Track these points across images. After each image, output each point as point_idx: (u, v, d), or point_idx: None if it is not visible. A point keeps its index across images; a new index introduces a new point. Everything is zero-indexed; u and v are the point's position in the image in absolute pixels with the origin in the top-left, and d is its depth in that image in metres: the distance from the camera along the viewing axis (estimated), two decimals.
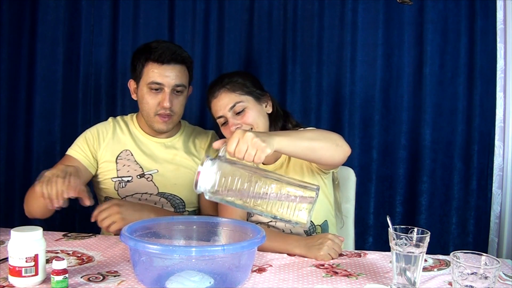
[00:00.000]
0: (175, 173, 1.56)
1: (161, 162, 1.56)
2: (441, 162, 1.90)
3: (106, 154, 1.55)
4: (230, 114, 1.37)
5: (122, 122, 1.63)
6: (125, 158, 1.55)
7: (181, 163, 1.57)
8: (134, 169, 1.55)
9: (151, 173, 1.55)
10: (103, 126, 1.61)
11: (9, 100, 2.05)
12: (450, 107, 1.89)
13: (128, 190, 1.54)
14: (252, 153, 1.01)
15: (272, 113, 1.47)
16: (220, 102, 1.39)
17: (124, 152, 1.56)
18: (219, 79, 1.43)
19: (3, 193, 2.06)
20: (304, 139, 1.17)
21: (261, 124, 1.40)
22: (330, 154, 1.21)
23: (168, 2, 1.99)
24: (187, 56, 1.52)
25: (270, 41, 1.96)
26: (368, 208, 1.93)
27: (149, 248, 0.94)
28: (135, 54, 1.53)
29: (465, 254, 0.93)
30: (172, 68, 1.47)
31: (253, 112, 1.38)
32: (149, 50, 1.48)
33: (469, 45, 1.86)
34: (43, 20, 2.02)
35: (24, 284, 0.97)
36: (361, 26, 1.91)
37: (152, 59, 1.47)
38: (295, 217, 0.97)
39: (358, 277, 1.09)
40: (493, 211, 1.87)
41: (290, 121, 1.51)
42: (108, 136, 1.58)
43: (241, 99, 1.38)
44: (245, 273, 1.03)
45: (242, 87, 1.39)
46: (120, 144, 1.57)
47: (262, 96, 1.43)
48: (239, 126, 1.36)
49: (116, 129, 1.60)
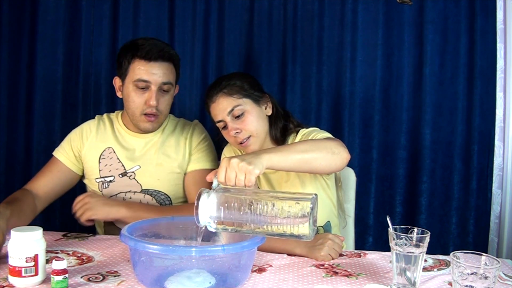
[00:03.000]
0: (158, 168, 1.53)
1: (144, 159, 1.53)
2: (441, 162, 1.90)
3: (89, 154, 1.54)
4: (229, 118, 1.36)
5: (107, 119, 1.61)
6: (107, 157, 1.53)
7: (164, 158, 1.54)
8: (116, 168, 1.52)
9: (133, 170, 1.52)
10: (88, 124, 1.59)
11: (9, 100, 2.05)
12: (450, 107, 1.89)
13: (111, 190, 1.52)
14: (241, 178, 1.01)
15: (272, 115, 1.46)
16: (219, 107, 1.37)
17: (107, 150, 1.54)
18: (217, 83, 1.41)
19: (3, 193, 2.05)
20: (296, 152, 1.14)
21: (260, 128, 1.39)
22: (326, 164, 1.19)
23: (168, 2, 1.99)
24: (174, 54, 1.49)
25: (270, 41, 1.96)
26: (368, 208, 1.93)
27: (149, 248, 0.95)
28: (121, 50, 1.48)
29: (465, 254, 0.93)
30: (159, 66, 1.43)
31: (252, 116, 1.37)
32: (136, 47, 1.43)
33: (469, 45, 1.86)
34: (43, 20, 2.02)
35: (24, 284, 0.97)
36: (361, 26, 1.91)
37: (139, 56, 1.42)
38: (298, 231, 0.97)
39: (358, 277, 1.09)
40: (493, 211, 1.87)
41: (291, 121, 1.49)
42: (91, 135, 1.56)
43: (239, 103, 1.36)
44: (245, 273, 1.03)
45: (240, 90, 1.37)
46: (103, 142, 1.55)
47: (261, 98, 1.42)
48: (238, 131, 1.35)
49: (99, 127, 1.58)
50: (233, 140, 1.39)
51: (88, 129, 1.57)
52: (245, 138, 1.36)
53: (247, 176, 1.02)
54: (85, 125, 1.59)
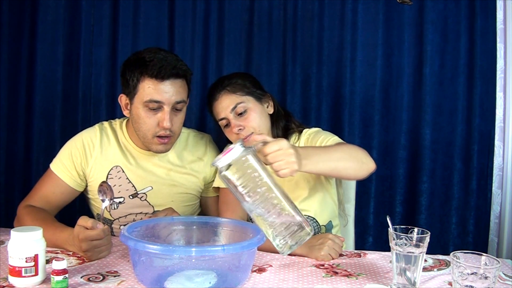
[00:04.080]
0: (172, 189, 1.45)
1: (156, 179, 1.44)
2: (441, 162, 1.90)
3: (95, 173, 1.42)
4: (232, 115, 1.38)
5: (110, 130, 1.47)
6: (115, 177, 1.42)
7: (177, 178, 1.46)
8: (126, 189, 1.43)
9: (145, 191, 1.44)
10: (89, 137, 1.45)
11: (9, 100, 2.05)
12: (450, 107, 1.89)
13: (120, 211, 1.44)
14: (283, 166, 1.00)
15: (274, 114, 1.47)
16: (222, 104, 1.38)
17: (114, 168, 1.43)
18: (219, 82, 1.42)
19: (3, 193, 2.05)
20: (333, 160, 1.15)
21: (263, 125, 1.40)
22: (354, 173, 1.22)
23: (168, 2, 1.99)
24: (187, 69, 1.37)
25: (270, 41, 1.96)
26: (368, 208, 1.93)
27: (149, 248, 0.95)
28: (127, 66, 1.36)
29: (465, 254, 0.93)
30: (172, 84, 1.31)
31: (255, 113, 1.38)
32: (144, 63, 1.30)
33: (469, 45, 1.86)
34: (43, 20, 2.02)
35: (24, 284, 0.97)
36: (361, 26, 1.90)
37: (150, 75, 1.29)
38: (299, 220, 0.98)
39: (358, 277, 1.09)
40: (493, 211, 1.87)
41: (293, 121, 1.51)
42: (95, 151, 1.43)
43: (242, 100, 1.38)
44: (245, 273, 1.03)
45: (242, 88, 1.39)
46: (109, 160, 1.43)
47: (263, 97, 1.44)
48: (241, 128, 1.37)
49: (103, 141, 1.44)
50: (235, 138, 1.39)
51: (91, 143, 1.44)
52: (247, 135, 1.37)
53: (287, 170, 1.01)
54: (86, 138, 1.45)
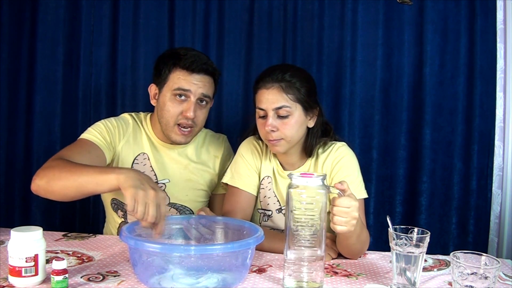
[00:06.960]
0: (187, 184, 1.52)
1: (173, 173, 1.51)
2: (441, 162, 1.90)
3: (124, 152, 1.47)
4: (273, 113, 1.31)
5: (139, 121, 1.54)
6: (141, 163, 1.49)
7: (193, 173, 1.54)
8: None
9: (164, 182, 1.50)
10: (121, 120, 1.50)
11: (9, 100, 2.05)
12: (450, 107, 1.88)
13: None
14: (343, 224, 1.04)
15: (313, 128, 1.40)
16: (269, 96, 1.31)
17: (141, 155, 1.50)
18: (280, 71, 1.34)
19: (3, 193, 2.05)
20: (356, 244, 1.21)
21: (296, 136, 1.35)
22: (351, 253, 1.25)
23: (168, 2, 1.99)
24: (216, 69, 1.47)
25: (270, 41, 1.96)
26: (368, 208, 1.92)
27: (149, 247, 0.95)
28: (161, 58, 1.46)
29: (465, 254, 0.93)
30: (201, 78, 1.41)
31: (295, 122, 1.33)
32: (178, 56, 1.41)
33: (469, 45, 1.86)
34: (43, 20, 2.02)
35: (24, 284, 0.97)
36: (361, 26, 1.90)
37: (181, 66, 1.40)
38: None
39: (358, 277, 1.09)
40: (493, 211, 1.87)
41: (332, 136, 1.46)
42: (128, 133, 1.49)
43: (290, 104, 1.31)
44: (245, 272, 1.04)
45: (296, 92, 1.32)
46: (139, 145, 1.50)
47: (311, 108, 1.37)
48: (274, 130, 1.32)
49: (135, 127, 1.52)
50: (264, 133, 1.35)
51: (124, 125, 1.49)
52: (277, 139, 1.33)
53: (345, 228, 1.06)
54: (119, 120, 1.49)
